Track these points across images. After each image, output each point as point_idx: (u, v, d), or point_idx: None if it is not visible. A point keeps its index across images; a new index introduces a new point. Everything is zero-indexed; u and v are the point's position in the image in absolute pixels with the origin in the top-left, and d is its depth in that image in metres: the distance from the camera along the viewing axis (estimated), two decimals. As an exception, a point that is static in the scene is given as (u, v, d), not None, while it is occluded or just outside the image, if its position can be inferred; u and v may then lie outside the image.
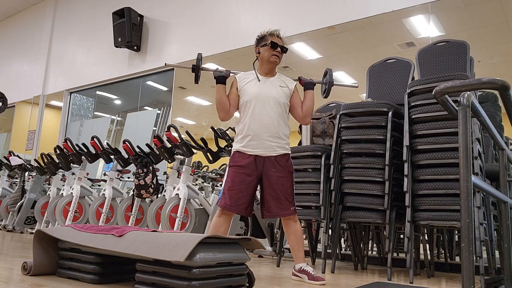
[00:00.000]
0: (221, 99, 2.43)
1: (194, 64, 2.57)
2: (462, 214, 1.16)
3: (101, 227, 2.02)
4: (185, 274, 1.57)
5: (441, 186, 2.50)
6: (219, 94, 2.43)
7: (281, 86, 2.48)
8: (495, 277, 2.44)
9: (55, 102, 8.23)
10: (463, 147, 1.20)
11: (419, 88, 2.64)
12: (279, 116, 2.42)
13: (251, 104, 2.42)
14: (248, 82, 2.48)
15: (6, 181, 6.20)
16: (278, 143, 2.41)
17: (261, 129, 2.39)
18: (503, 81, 1.28)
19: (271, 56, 2.45)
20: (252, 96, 2.42)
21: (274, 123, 2.40)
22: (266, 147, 2.39)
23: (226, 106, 2.43)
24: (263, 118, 2.39)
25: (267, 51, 2.46)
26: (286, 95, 2.48)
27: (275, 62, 2.47)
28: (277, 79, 2.52)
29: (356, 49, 4.78)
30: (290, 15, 5.08)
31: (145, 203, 4.35)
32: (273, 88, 2.46)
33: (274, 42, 2.44)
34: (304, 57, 5.13)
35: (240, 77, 2.53)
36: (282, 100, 2.45)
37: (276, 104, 2.42)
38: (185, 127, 6.24)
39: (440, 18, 4.13)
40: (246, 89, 2.46)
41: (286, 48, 2.50)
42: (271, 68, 2.50)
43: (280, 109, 2.44)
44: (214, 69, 2.55)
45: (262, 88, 2.44)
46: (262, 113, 2.40)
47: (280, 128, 2.42)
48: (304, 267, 2.37)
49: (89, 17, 7.78)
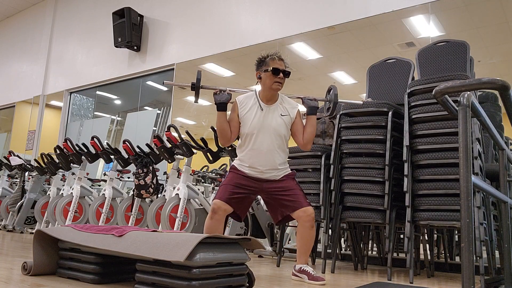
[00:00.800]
0: (222, 128, 2.39)
1: (193, 83, 2.47)
2: (462, 214, 1.16)
3: (101, 227, 2.02)
4: (185, 274, 1.57)
5: (441, 186, 2.50)
6: (219, 122, 2.39)
7: (282, 115, 2.43)
8: (495, 277, 2.44)
9: (55, 102, 8.24)
10: (463, 147, 1.20)
11: (419, 88, 2.64)
12: (279, 148, 2.42)
13: (251, 138, 2.39)
14: (249, 109, 2.43)
15: (6, 181, 6.20)
16: (278, 172, 2.43)
17: (261, 162, 2.38)
18: (503, 81, 1.28)
19: (273, 83, 2.37)
20: (253, 128, 2.39)
21: (273, 156, 2.39)
22: (266, 177, 2.41)
23: (227, 134, 2.41)
24: (263, 152, 2.38)
25: (269, 78, 2.37)
26: (287, 124, 2.45)
27: (278, 89, 2.40)
28: (279, 105, 2.45)
29: (356, 49, 4.78)
30: (290, 15, 5.08)
31: (145, 203, 4.35)
32: (274, 118, 2.41)
33: (276, 68, 2.36)
34: (304, 57, 5.13)
35: (241, 101, 2.46)
36: (282, 132, 2.42)
37: (277, 136, 2.41)
38: (185, 127, 6.24)
39: (440, 18, 4.13)
40: (247, 118, 2.41)
41: (289, 72, 2.41)
42: (273, 95, 2.44)
43: (281, 140, 2.42)
44: (214, 88, 2.46)
45: (263, 120, 2.39)
46: (262, 146, 2.38)
47: (279, 159, 2.42)
48: (304, 267, 2.37)
49: (89, 17, 7.78)
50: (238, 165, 2.45)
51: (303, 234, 2.38)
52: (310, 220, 2.34)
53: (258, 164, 2.39)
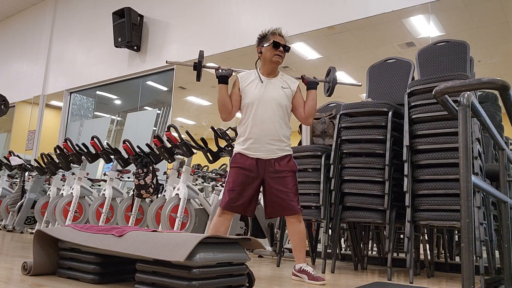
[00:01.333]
0: (223, 100, 2.41)
1: (196, 62, 2.53)
2: (462, 214, 1.16)
3: (101, 227, 2.02)
4: (185, 274, 1.57)
5: (441, 186, 2.50)
6: (221, 95, 2.41)
7: (283, 87, 2.46)
8: (495, 277, 2.44)
9: (55, 102, 8.23)
10: (463, 147, 1.20)
11: (419, 88, 2.64)
12: (281, 118, 2.42)
13: (252, 107, 2.40)
14: (250, 82, 2.46)
15: (6, 181, 6.20)
16: (279, 146, 2.41)
17: (263, 132, 2.38)
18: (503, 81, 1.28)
19: (273, 56, 2.42)
20: (253, 98, 2.41)
21: (275, 126, 2.39)
22: (267, 150, 2.39)
23: (228, 107, 2.42)
24: (264, 121, 2.38)
25: (269, 51, 2.43)
26: (288, 97, 2.46)
27: (278, 62, 2.44)
28: (279, 79, 2.49)
29: (356, 49, 4.78)
30: (290, 15, 5.08)
31: (145, 203, 4.35)
32: (275, 90, 2.44)
33: (277, 42, 2.41)
34: (304, 57, 5.13)
35: (242, 76, 2.51)
36: (284, 102, 2.43)
37: (278, 107, 2.41)
38: (185, 127, 6.24)
39: (440, 18, 4.13)
40: (248, 90, 2.44)
41: (289, 47, 2.47)
42: (273, 68, 2.48)
43: (282, 111, 2.42)
44: (216, 67, 2.51)
45: (264, 90, 2.42)
46: (264, 116, 2.38)
47: (281, 130, 2.42)
48: (304, 267, 2.37)
49: (89, 17, 7.78)
50: (239, 150, 2.42)
51: (293, 230, 2.39)
52: (296, 215, 2.36)
53: (260, 133, 2.37)
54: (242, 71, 2.59)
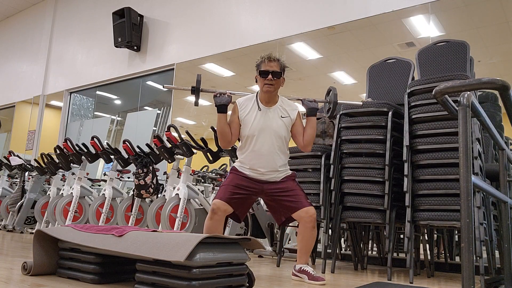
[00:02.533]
0: (223, 130, 2.39)
1: (193, 86, 2.49)
2: (462, 214, 1.16)
3: (101, 227, 2.02)
4: (185, 274, 1.57)
5: (441, 186, 2.50)
6: (220, 125, 2.39)
7: (282, 116, 2.43)
8: (495, 277, 2.44)
9: (55, 102, 8.24)
10: (463, 147, 1.20)
11: (419, 88, 2.64)
12: (279, 149, 2.42)
13: (252, 140, 2.40)
14: (249, 111, 2.43)
15: (6, 181, 6.20)
16: (278, 174, 2.43)
17: (261, 164, 2.39)
18: (503, 81, 1.28)
19: (263, 86, 2.37)
20: (253, 130, 2.39)
21: (274, 158, 2.40)
22: (266, 178, 2.42)
23: (227, 137, 2.41)
24: (263, 154, 2.39)
25: (260, 81, 2.40)
26: (287, 126, 2.45)
27: (268, 91, 2.38)
28: (279, 107, 2.45)
29: (356, 49, 4.78)
30: (290, 15, 5.08)
31: (145, 203, 4.35)
32: (274, 120, 2.41)
33: (263, 71, 2.36)
34: (304, 57, 5.13)
35: (241, 103, 2.47)
36: (283, 133, 2.42)
37: (277, 138, 2.41)
38: (185, 127, 6.24)
39: (440, 18, 4.13)
40: (247, 121, 2.42)
41: (279, 71, 2.37)
42: (269, 97, 2.43)
43: (281, 142, 2.42)
44: (214, 91, 2.47)
45: (263, 121, 2.40)
46: (262, 148, 2.39)
47: (280, 161, 2.42)
48: (304, 267, 2.37)
49: (89, 17, 7.78)
50: (239, 167, 2.45)
51: (305, 234, 2.38)
52: (312, 220, 2.34)
53: (258, 166, 2.39)
54: (240, 94, 2.56)
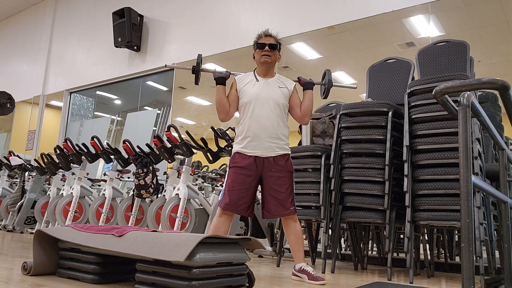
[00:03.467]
0: (221, 100, 2.45)
1: (194, 66, 2.58)
2: (462, 214, 1.16)
3: (101, 227, 2.02)
4: (185, 274, 1.57)
5: (441, 186, 2.50)
6: (218, 95, 2.45)
7: (280, 87, 2.49)
8: (495, 277, 2.44)
9: (55, 102, 8.23)
10: (463, 147, 1.20)
11: (419, 88, 2.64)
12: (278, 117, 2.44)
13: (250, 106, 2.43)
14: (247, 83, 2.50)
15: (6, 181, 6.19)
16: (277, 144, 2.43)
17: (260, 130, 2.40)
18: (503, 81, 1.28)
19: (261, 57, 2.47)
20: (251, 97, 2.44)
21: (273, 124, 2.41)
22: (265, 147, 2.40)
23: (226, 107, 2.45)
24: (262, 119, 2.41)
25: (257, 54, 2.51)
26: (285, 96, 2.49)
27: (265, 62, 2.47)
28: (276, 80, 2.53)
29: (356, 49, 4.78)
30: (290, 15, 5.08)
31: (145, 203, 4.35)
32: (272, 89, 2.47)
33: (260, 43, 2.48)
34: (304, 57, 5.13)
35: (239, 78, 2.55)
36: (281, 101, 2.46)
37: (275, 105, 2.44)
38: (185, 127, 6.24)
39: (440, 18, 4.13)
40: (245, 90, 2.47)
41: (275, 43, 2.50)
42: (267, 69, 2.51)
43: (279, 110, 2.45)
44: (214, 70, 2.56)
45: (261, 89, 2.46)
46: (261, 114, 2.41)
47: (279, 129, 2.43)
48: (304, 267, 2.37)
49: (89, 17, 7.78)
50: (237, 149, 2.44)
51: (290, 230, 2.42)
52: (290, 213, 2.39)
53: (258, 131, 2.40)
54: (240, 73, 2.62)
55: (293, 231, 2.42)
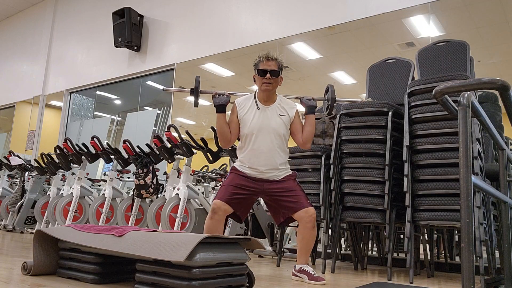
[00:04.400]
0: (222, 130, 2.41)
1: (192, 88, 2.51)
2: (462, 214, 1.16)
3: (101, 227, 2.02)
4: (185, 274, 1.57)
5: (441, 186, 2.50)
6: (219, 124, 2.41)
7: (280, 115, 2.44)
8: (495, 277, 2.44)
9: (55, 102, 8.23)
10: (463, 147, 1.20)
11: (419, 88, 2.64)
12: (279, 147, 2.42)
13: (251, 138, 2.40)
14: (247, 110, 2.44)
15: (6, 181, 6.19)
16: (278, 173, 2.43)
17: (261, 162, 2.39)
18: (503, 81, 1.28)
19: (262, 85, 2.39)
20: (252, 129, 2.40)
21: (273, 156, 2.40)
22: (267, 177, 2.41)
23: (227, 136, 2.43)
24: (262, 152, 2.39)
25: (258, 80, 2.42)
26: (286, 124, 2.45)
27: (267, 90, 2.40)
28: (277, 106, 2.46)
29: (356, 49, 4.78)
30: (290, 15, 5.08)
31: (145, 203, 4.34)
32: (273, 118, 2.42)
33: (261, 70, 2.38)
34: (304, 57, 5.13)
35: (239, 103, 2.48)
36: (282, 131, 2.43)
37: (276, 136, 2.41)
38: (185, 127, 6.24)
39: (440, 18, 4.13)
40: (246, 119, 2.42)
41: (277, 70, 2.39)
42: (267, 96, 2.44)
43: (280, 140, 2.42)
44: (213, 92, 2.48)
45: (262, 120, 2.40)
46: (262, 147, 2.39)
47: (280, 159, 2.42)
48: (304, 267, 2.37)
49: (89, 17, 7.78)
50: (239, 166, 2.45)
51: (305, 234, 2.38)
52: (312, 220, 2.34)
53: (258, 164, 2.39)
54: (239, 94, 2.57)
55: (307, 236, 2.37)
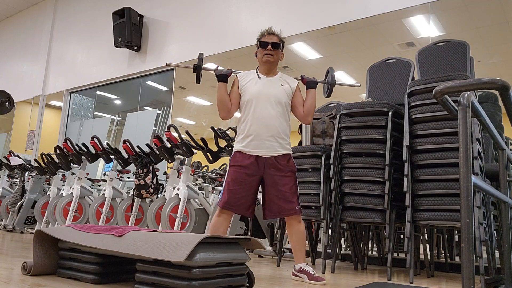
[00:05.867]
0: (222, 98, 2.42)
1: (195, 64, 2.56)
2: (462, 214, 1.16)
3: (101, 227, 2.02)
4: (185, 274, 1.57)
5: (441, 186, 2.49)
6: (220, 93, 2.42)
7: (282, 85, 2.47)
8: (495, 277, 2.44)
9: (55, 102, 8.24)
10: (463, 147, 1.20)
11: (419, 88, 2.64)
12: (280, 115, 2.41)
13: (252, 104, 2.40)
14: (249, 80, 2.47)
15: (6, 181, 6.19)
16: (279, 143, 2.40)
17: (262, 129, 2.37)
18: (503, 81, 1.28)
19: (263, 56, 2.44)
20: (253, 95, 2.41)
21: (275, 123, 2.39)
22: (267, 147, 2.38)
23: (227, 105, 2.42)
24: (264, 117, 2.38)
25: (260, 52, 2.47)
26: (288, 94, 2.47)
27: (268, 61, 2.44)
28: (279, 78, 2.50)
29: (356, 49, 4.78)
30: (290, 15, 5.08)
31: (145, 203, 4.34)
32: (274, 87, 2.44)
33: (263, 42, 2.44)
34: (304, 57, 5.13)
35: (241, 75, 2.52)
36: (283, 99, 2.43)
37: (277, 103, 2.41)
38: (185, 127, 6.24)
39: (440, 18, 4.13)
40: (247, 87, 2.45)
41: (278, 42, 2.45)
42: (269, 68, 2.48)
43: (281, 108, 2.42)
44: (215, 68, 2.53)
45: (263, 87, 2.43)
46: (263, 112, 2.38)
47: (281, 127, 2.41)
48: (304, 267, 2.37)
49: (89, 17, 7.78)
50: (239, 148, 2.41)
51: (293, 230, 2.39)
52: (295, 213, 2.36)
53: (260, 130, 2.37)
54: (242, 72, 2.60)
55: (295, 231, 2.39)
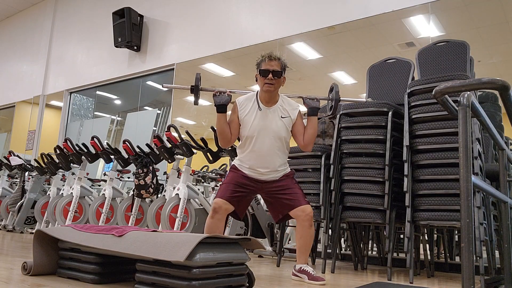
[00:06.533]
0: (222, 130, 2.38)
1: (192, 85, 2.48)
2: (462, 214, 1.16)
3: (101, 227, 2.02)
4: (185, 274, 1.57)
5: (441, 186, 2.50)
6: (219, 125, 2.38)
7: (282, 117, 2.41)
8: (495, 277, 2.44)
9: (55, 102, 8.23)
10: (463, 147, 1.20)
11: (419, 88, 2.64)
12: (279, 150, 2.41)
13: (252, 140, 2.39)
14: (248, 111, 2.41)
15: (6, 181, 6.19)
16: (277, 174, 2.43)
17: (260, 165, 2.38)
18: (503, 81, 1.28)
19: (263, 85, 2.35)
20: (253, 131, 2.38)
21: (273, 158, 2.39)
22: (265, 178, 2.42)
23: (227, 136, 2.40)
24: (262, 155, 2.38)
25: (260, 80, 2.37)
26: (287, 126, 2.43)
27: (268, 91, 2.36)
28: (279, 107, 2.42)
29: (356, 49, 4.78)
30: (290, 15, 5.08)
31: (145, 203, 4.35)
32: (274, 121, 2.39)
33: (263, 70, 2.34)
34: (304, 57, 5.13)
35: (240, 103, 2.45)
36: (282, 134, 2.41)
37: (277, 139, 2.40)
38: (185, 127, 6.24)
39: (440, 18, 4.13)
40: (247, 121, 2.40)
41: (280, 70, 2.35)
42: (269, 97, 2.40)
43: (280, 143, 2.41)
44: (213, 90, 2.45)
45: (262, 122, 2.38)
46: (262, 149, 2.38)
47: (279, 161, 2.41)
48: (304, 267, 2.37)
49: (89, 17, 7.78)
50: (238, 165, 2.45)
51: (302, 233, 2.38)
52: (309, 219, 2.34)
53: (257, 166, 2.39)
54: (240, 92, 2.55)
55: (305, 234, 2.36)
